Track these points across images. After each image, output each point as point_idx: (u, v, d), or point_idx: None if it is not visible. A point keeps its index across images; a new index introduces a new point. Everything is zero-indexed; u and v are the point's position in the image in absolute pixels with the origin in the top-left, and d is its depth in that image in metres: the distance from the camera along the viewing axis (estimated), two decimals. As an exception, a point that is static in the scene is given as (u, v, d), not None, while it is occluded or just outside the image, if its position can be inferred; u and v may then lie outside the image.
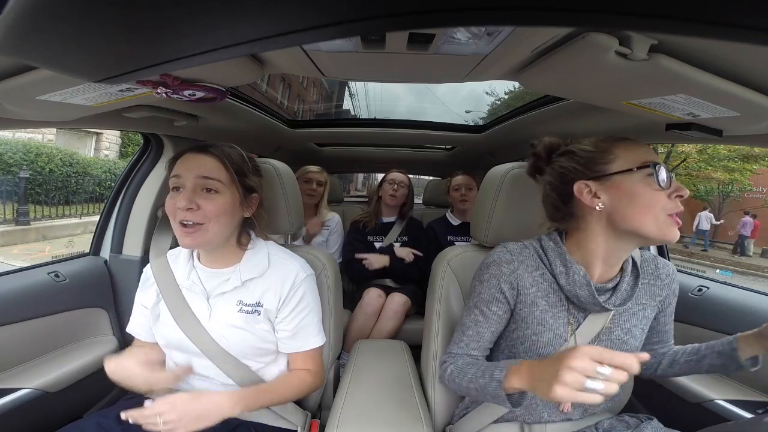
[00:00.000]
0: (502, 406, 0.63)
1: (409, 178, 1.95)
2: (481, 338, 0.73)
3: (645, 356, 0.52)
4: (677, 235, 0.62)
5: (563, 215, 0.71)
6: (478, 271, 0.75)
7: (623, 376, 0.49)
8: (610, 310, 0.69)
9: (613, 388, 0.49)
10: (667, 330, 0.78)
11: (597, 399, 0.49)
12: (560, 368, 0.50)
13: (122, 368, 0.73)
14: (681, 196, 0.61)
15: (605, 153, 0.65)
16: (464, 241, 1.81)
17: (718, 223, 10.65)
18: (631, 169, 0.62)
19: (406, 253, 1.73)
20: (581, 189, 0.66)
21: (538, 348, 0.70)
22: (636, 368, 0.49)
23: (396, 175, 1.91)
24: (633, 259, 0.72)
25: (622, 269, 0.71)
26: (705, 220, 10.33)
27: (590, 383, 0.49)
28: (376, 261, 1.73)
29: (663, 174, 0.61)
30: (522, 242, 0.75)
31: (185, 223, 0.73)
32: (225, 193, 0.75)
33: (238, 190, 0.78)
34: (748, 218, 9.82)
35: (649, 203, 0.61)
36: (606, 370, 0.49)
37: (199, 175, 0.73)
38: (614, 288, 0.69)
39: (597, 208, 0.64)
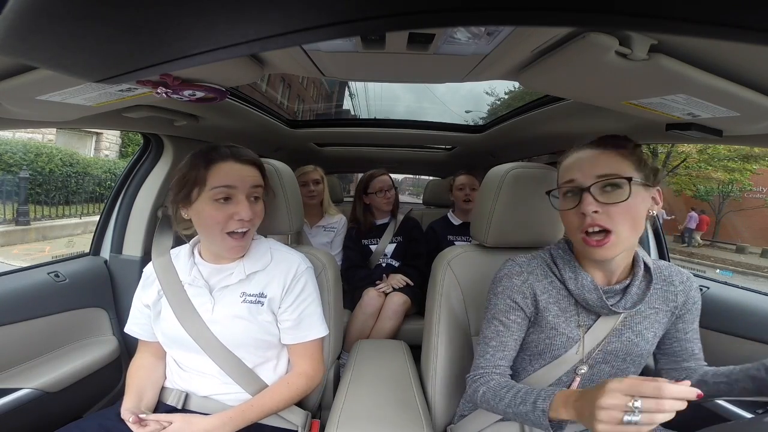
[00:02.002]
0: None
1: (390, 177, 1.90)
2: (505, 347, 0.73)
3: (688, 389, 0.47)
4: (596, 254, 0.63)
5: None
6: (492, 285, 0.77)
7: (663, 406, 0.46)
8: (620, 313, 0.69)
9: (657, 418, 0.46)
10: (689, 339, 0.73)
11: (643, 430, 0.46)
12: (594, 408, 0.49)
13: None
14: (583, 214, 0.62)
15: (558, 170, 0.71)
16: (464, 240, 1.81)
17: (669, 218, 11.82)
18: (547, 193, 0.71)
19: (396, 282, 1.72)
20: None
21: (552, 350, 0.71)
22: (669, 391, 0.46)
23: (383, 182, 1.84)
24: (645, 263, 0.71)
25: (633, 273, 0.70)
26: (659, 216, 11.52)
27: (627, 417, 0.47)
28: (395, 283, 1.71)
29: (563, 197, 0.67)
30: (531, 254, 0.77)
31: (238, 232, 0.77)
32: (262, 198, 0.82)
33: (267, 194, 0.85)
34: (693, 213, 11.17)
35: (565, 222, 0.68)
36: (639, 403, 0.46)
37: (252, 185, 0.79)
38: (624, 290, 0.70)
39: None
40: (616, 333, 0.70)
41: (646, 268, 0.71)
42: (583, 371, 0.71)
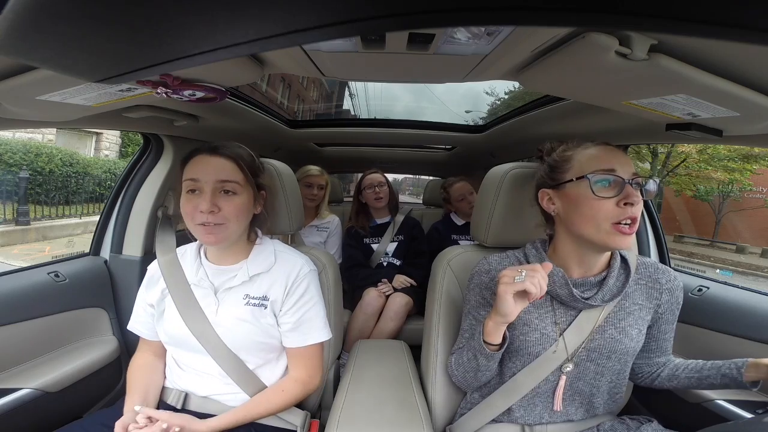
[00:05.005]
0: (491, 359, 0.70)
1: (383, 175, 1.92)
2: None
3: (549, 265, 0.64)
4: (623, 243, 0.63)
5: (545, 218, 0.77)
6: (467, 282, 0.82)
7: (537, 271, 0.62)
8: (597, 306, 0.70)
9: (535, 280, 0.60)
10: (667, 338, 0.77)
11: (526, 285, 0.60)
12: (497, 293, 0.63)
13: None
14: (629, 204, 0.62)
15: (565, 162, 0.69)
16: (468, 239, 1.82)
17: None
18: (571, 180, 0.67)
19: (399, 283, 1.73)
20: (543, 196, 0.72)
21: (528, 347, 0.71)
22: (540, 272, 0.61)
23: (372, 178, 1.88)
24: (621, 255, 0.73)
25: (610, 265, 0.72)
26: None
27: (517, 278, 0.61)
28: (398, 284, 1.72)
29: (600, 183, 0.63)
30: (505, 253, 0.80)
31: (206, 223, 0.75)
32: (242, 194, 0.78)
33: (253, 189, 0.81)
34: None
35: (590, 211, 0.64)
36: (523, 273, 0.61)
37: (218, 179, 0.76)
38: (601, 282, 0.71)
39: (552, 213, 0.71)
40: (599, 330, 0.71)
41: (623, 260, 0.74)
42: (568, 369, 0.71)
